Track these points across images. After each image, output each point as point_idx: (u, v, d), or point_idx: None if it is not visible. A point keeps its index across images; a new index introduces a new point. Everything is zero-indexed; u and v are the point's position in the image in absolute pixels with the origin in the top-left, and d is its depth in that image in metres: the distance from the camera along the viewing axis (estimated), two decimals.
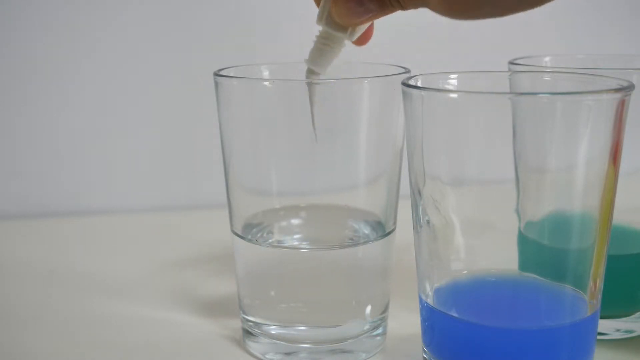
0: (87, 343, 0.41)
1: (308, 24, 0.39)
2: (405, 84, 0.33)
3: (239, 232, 0.39)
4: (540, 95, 0.32)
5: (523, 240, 0.35)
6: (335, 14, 0.33)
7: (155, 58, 0.63)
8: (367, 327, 0.39)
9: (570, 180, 0.32)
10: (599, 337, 0.35)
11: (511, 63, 0.41)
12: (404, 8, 0.32)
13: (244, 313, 0.40)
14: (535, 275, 0.35)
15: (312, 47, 0.35)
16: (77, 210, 0.64)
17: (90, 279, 0.50)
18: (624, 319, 0.40)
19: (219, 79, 0.38)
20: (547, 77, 0.37)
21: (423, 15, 0.69)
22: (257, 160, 0.38)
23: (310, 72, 0.36)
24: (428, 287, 0.35)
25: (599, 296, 0.33)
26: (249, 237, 0.39)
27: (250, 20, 0.64)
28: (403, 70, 0.38)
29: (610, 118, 0.31)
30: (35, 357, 0.40)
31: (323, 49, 0.35)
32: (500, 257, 0.35)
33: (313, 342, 0.38)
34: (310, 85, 0.35)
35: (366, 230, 0.39)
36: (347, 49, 0.39)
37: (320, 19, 0.35)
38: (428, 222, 0.34)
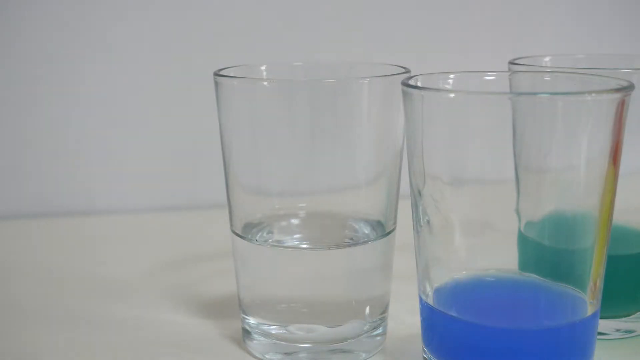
0: (87, 343, 0.41)
1: (308, 24, 0.39)
2: (405, 84, 0.33)
3: (239, 232, 0.39)
4: (540, 95, 0.32)
5: (523, 240, 0.35)
6: None
7: (155, 58, 0.63)
8: (367, 327, 0.39)
9: (570, 180, 0.32)
10: (599, 337, 0.35)
11: (511, 63, 0.41)
12: None
13: (244, 313, 0.40)
14: (535, 275, 0.35)
15: None
16: (77, 210, 0.64)
17: (90, 279, 0.50)
18: (624, 319, 0.40)
19: (219, 79, 0.38)
20: (547, 77, 0.37)
21: (423, 15, 0.69)
22: (257, 160, 0.38)
23: None
24: (428, 287, 0.35)
25: (599, 296, 0.33)
26: (249, 237, 0.39)
27: (250, 20, 0.64)
28: (403, 70, 0.38)
29: (610, 118, 0.31)
30: (35, 357, 0.40)
31: None
32: (500, 257, 0.35)
33: (313, 342, 0.38)
34: None
35: (366, 230, 0.39)
36: (347, 48, 0.39)
37: None
38: (428, 222, 0.34)
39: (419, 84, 0.34)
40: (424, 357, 0.35)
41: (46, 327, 0.43)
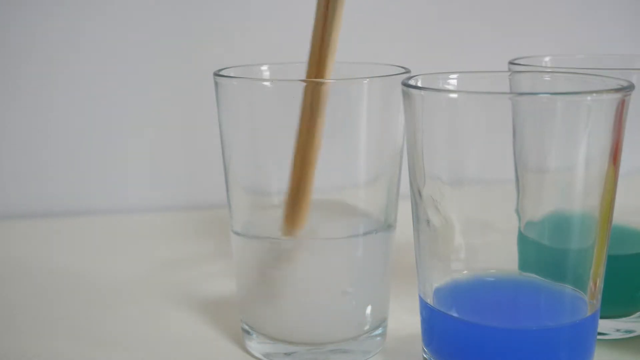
0: (86, 343, 0.41)
1: (307, 24, 0.39)
2: (405, 84, 0.33)
3: (239, 232, 0.39)
4: (540, 95, 0.32)
5: (523, 240, 0.35)
6: None
7: (155, 58, 0.63)
8: (367, 327, 0.39)
9: (570, 180, 0.32)
10: (599, 337, 0.35)
11: (511, 63, 0.41)
12: None
13: (244, 313, 0.40)
14: (535, 275, 0.35)
15: None
16: (77, 210, 0.64)
17: (90, 279, 0.50)
18: (624, 319, 0.40)
19: (219, 79, 0.38)
20: (547, 77, 0.37)
21: (423, 15, 0.69)
22: (257, 160, 0.38)
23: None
24: (428, 287, 0.35)
25: (599, 296, 0.33)
26: (249, 236, 0.39)
27: (250, 20, 0.64)
28: (403, 70, 0.38)
29: (610, 118, 0.31)
30: (35, 357, 0.40)
31: None
32: (500, 257, 0.35)
33: (313, 342, 0.38)
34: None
35: (366, 229, 0.39)
36: (347, 48, 0.39)
37: None
38: (428, 222, 0.34)
39: (419, 84, 0.34)
40: (424, 357, 0.35)
41: (45, 326, 0.43)
